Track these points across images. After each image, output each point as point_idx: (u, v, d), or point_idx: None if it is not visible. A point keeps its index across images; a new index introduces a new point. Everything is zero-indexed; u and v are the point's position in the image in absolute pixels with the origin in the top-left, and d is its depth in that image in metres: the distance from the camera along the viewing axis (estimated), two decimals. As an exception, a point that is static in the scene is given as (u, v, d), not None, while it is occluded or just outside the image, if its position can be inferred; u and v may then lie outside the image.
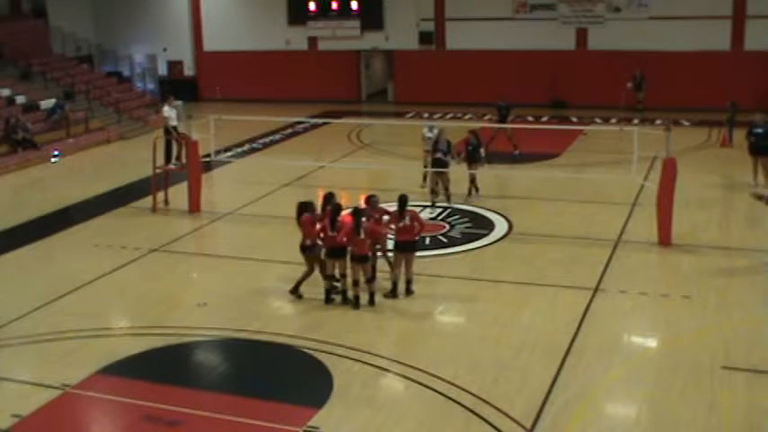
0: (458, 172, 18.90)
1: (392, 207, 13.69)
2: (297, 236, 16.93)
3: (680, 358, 11.19)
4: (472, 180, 18.94)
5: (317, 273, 13.48)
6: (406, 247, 13.34)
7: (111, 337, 12.54)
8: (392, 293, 13.37)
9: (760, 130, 19.53)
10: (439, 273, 14.65)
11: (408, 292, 13.45)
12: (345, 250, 13.03)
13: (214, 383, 11.13)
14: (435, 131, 19.08)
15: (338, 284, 13.36)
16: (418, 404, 10.30)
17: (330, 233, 13.02)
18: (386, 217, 13.70)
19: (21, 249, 16.81)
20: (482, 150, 18.83)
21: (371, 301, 13.04)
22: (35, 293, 14.09)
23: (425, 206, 17.99)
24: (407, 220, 13.28)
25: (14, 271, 15.68)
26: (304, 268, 13.50)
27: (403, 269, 13.41)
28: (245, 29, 35.41)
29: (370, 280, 13.04)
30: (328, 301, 13.24)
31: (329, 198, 13.88)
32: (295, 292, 13.61)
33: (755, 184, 19.39)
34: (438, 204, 18.29)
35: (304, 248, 13.51)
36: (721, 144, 23.85)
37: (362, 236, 12.82)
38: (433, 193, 18.35)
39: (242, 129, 26.39)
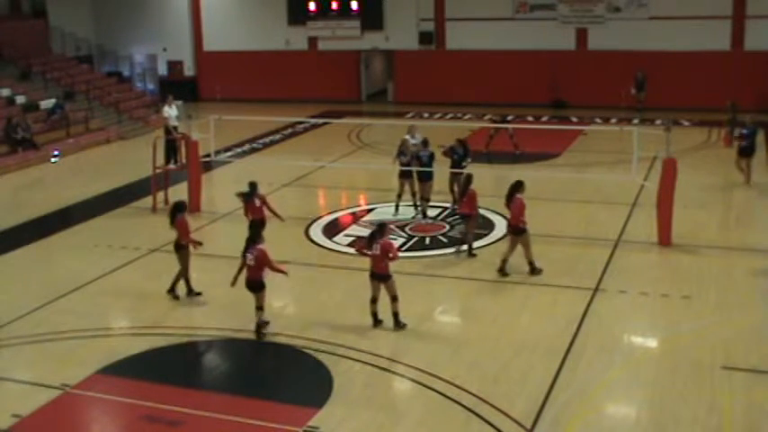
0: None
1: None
2: (297, 235, 17.02)
3: (680, 358, 11.19)
4: (452, 188, 18.24)
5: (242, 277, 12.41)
6: (515, 231, 14.23)
7: (111, 337, 12.55)
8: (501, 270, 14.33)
9: (745, 131, 19.75)
10: (439, 273, 14.65)
11: (500, 270, 14.31)
12: (263, 284, 11.95)
13: (214, 383, 11.14)
14: (418, 137, 18.58)
15: (266, 322, 12.23)
16: (418, 404, 10.30)
17: (249, 263, 11.92)
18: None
19: (21, 249, 16.83)
20: (469, 160, 18.01)
21: (397, 323, 12.20)
22: (35, 293, 14.10)
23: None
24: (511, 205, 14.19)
25: (14, 271, 15.69)
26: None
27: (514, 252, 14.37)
28: (245, 29, 35.42)
29: (395, 299, 12.12)
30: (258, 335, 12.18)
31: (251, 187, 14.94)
32: (172, 291, 13.70)
33: (748, 182, 19.55)
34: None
35: (178, 247, 13.52)
36: (725, 144, 23.83)
37: (377, 251, 11.97)
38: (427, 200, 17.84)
39: (242, 129, 26.40)
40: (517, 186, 14.30)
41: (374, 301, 12.28)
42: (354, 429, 9.70)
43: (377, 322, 12.29)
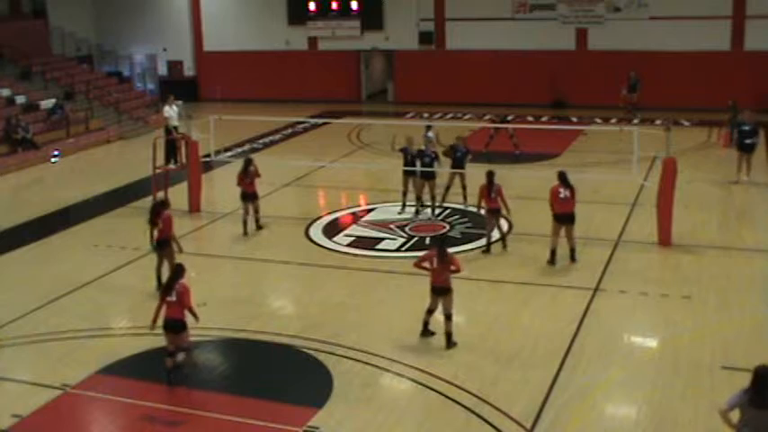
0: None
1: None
2: (297, 235, 17.02)
3: (680, 358, 11.19)
4: (448, 187, 18.22)
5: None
6: (564, 219, 14.47)
7: (111, 337, 12.54)
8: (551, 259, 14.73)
9: (746, 128, 19.75)
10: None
11: (572, 259, 14.72)
12: (183, 323, 10.72)
13: (214, 383, 11.13)
14: (431, 134, 18.63)
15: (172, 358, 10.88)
16: (418, 404, 10.30)
17: (170, 299, 10.73)
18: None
19: (21, 249, 16.82)
20: (469, 157, 18.10)
21: (448, 343, 11.68)
22: (35, 293, 14.10)
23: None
24: (568, 193, 14.43)
25: (14, 271, 15.68)
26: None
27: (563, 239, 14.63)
28: (245, 29, 35.43)
29: (448, 317, 11.60)
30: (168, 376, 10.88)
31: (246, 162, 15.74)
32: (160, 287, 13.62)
33: (737, 180, 19.57)
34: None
35: (160, 243, 13.67)
36: (724, 144, 23.81)
37: (434, 265, 11.58)
38: (419, 199, 17.84)
39: (242, 129, 26.39)
40: (565, 174, 14.63)
41: (431, 312, 11.80)
42: (354, 429, 9.70)
43: (426, 332, 11.96)
